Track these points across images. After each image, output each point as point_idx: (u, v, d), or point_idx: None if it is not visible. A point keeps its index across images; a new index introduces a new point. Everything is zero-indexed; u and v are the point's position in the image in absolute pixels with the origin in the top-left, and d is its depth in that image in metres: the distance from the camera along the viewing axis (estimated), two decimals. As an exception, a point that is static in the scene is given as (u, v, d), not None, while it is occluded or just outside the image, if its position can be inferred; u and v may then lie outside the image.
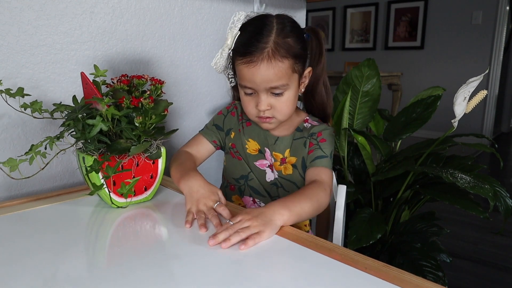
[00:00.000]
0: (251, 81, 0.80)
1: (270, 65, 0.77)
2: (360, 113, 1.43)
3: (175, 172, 0.83)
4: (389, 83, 3.39)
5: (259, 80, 0.79)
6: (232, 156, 0.94)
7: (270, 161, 0.91)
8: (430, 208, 1.67)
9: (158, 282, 0.51)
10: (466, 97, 0.95)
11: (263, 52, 0.77)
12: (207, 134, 0.94)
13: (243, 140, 0.92)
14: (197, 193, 0.74)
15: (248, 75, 0.79)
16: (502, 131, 5.18)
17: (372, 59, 1.43)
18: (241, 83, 0.83)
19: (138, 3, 1.03)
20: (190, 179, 0.78)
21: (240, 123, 0.93)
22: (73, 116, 0.71)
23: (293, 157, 0.90)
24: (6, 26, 0.82)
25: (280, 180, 0.91)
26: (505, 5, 4.13)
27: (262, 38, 0.78)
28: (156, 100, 0.78)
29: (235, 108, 0.95)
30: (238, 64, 0.81)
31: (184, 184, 0.77)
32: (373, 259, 0.57)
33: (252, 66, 0.78)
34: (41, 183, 0.91)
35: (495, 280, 1.73)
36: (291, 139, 0.90)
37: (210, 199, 0.73)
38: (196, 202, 0.73)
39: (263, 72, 0.77)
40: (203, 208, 0.71)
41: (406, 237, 1.33)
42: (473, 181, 1.02)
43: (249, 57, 0.78)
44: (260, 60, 0.77)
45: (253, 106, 0.83)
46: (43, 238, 0.63)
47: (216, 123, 0.95)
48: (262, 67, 0.77)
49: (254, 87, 0.80)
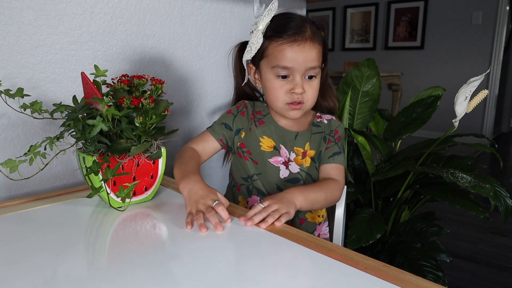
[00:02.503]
0: (293, 60, 0.82)
1: (312, 46, 0.83)
2: (360, 113, 1.42)
3: (177, 171, 0.83)
4: (389, 83, 3.39)
5: (302, 59, 0.82)
6: (239, 156, 0.94)
7: (285, 158, 0.92)
8: (430, 208, 1.67)
9: (158, 282, 0.51)
10: (467, 97, 0.95)
11: (305, 33, 0.82)
12: (214, 132, 0.93)
13: (257, 138, 0.92)
14: (195, 195, 0.75)
15: (291, 54, 0.82)
16: (502, 131, 5.18)
17: (372, 59, 1.43)
18: (279, 64, 0.83)
19: (138, 3, 1.03)
20: (190, 181, 0.77)
21: (252, 122, 0.93)
22: (73, 116, 0.71)
23: (312, 150, 0.93)
24: (6, 26, 0.82)
25: (301, 173, 0.93)
26: (505, 5, 4.13)
27: (301, 23, 0.83)
28: (157, 100, 0.78)
29: (245, 108, 0.95)
30: (278, 45, 0.82)
31: (183, 187, 0.78)
32: (373, 259, 0.57)
33: (297, 44, 0.81)
34: (41, 183, 0.91)
35: (495, 280, 1.73)
36: (309, 133, 0.94)
37: (209, 198, 0.73)
38: (195, 203, 0.73)
39: (307, 51, 0.82)
40: (201, 208, 0.71)
41: (406, 237, 1.33)
42: (474, 181, 1.02)
43: (293, 37, 0.81)
44: (304, 40, 0.82)
45: (285, 92, 0.85)
46: (43, 238, 0.63)
47: (225, 122, 0.93)
48: (307, 46, 0.82)
49: (295, 66, 0.82)
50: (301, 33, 0.82)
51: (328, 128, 0.96)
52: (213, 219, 0.68)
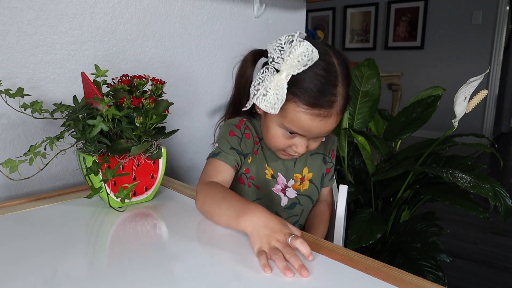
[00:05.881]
0: (307, 131, 0.73)
1: (334, 119, 0.73)
2: (360, 113, 1.43)
3: (223, 210, 0.67)
4: (389, 83, 3.39)
5: (317, 132, 0.74)
6: (241, 181, 0.85)
7: (282, 185, 0.88)
8: (430, 208, 1.67)
9: (159, 282, 0.51)
10: (466, 97, 0.95)
11: (332, 107, 0.71)
12: (227, 159, 0.79)
13: (263, 164, 0.85)
14: (265, 228, 0.60)
15: (307, 126, 0.72)
16: (502, 131, 5.18)
17: (372, 59, 1.43)
18: (291, 128, 0.73)
19: (138, 3, 1.03)
20: (253, 212, 0.62)
21: (258, 146, 0.85)
22: (74, 116, 0.71)
23: (310, 173, 0.90)
24: (6, 26, 0.82)
25: (299, 198, 0.90)
26: (505, 5, 4.13)
27: (331, 89, 0.70)
28: (157, 100, 0.78)
29: (247, 129, 0.84)
30: (298, 112, 0.71)
31: (247, 221, 0.62)
32: (373, 259, 0.57)
33: (319, 120, 0.71)
34: (41, 183, 0.91)
35: (495, 280, 1.73)
36: (306, 157, 0.89)
37: (282, 233, 0.59)
38: (267, 238, 0.59)
39: (327, 127, 0.73)
40: (276, 245, 0.58)
41: (406, 237, 1.33)
42: (473, 181, 1.02)
43: (318, 110, 0.70)
44: (329, 116, 0.71)
45: (285, 144, 0.77)
46: (43, 238, 0.63)
47: (234, 147, 0.80)
48: (328, 122, 0.72)
49: (306, 134, 0.75)
50: (328, 106, 0.70)
51: (326, 149, 0.93)
52: (295, 261, 0.54)
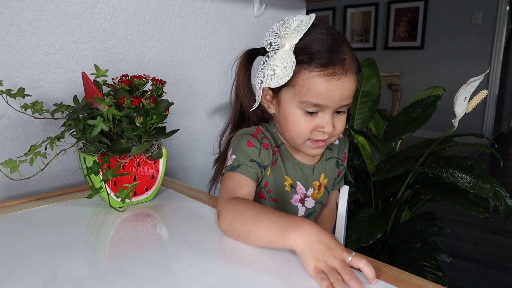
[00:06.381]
0: (327, 97, 0.68)
1: (352, 78, 0.69)
2: (360, 113, 1.43)
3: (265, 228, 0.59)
4: (389, 83, 3.40)
5: (339, 96, 0.68)
6: (261, 196, 0.79)
7: (301, 195, 0.82)
8: (430, 208, 1.67)
9: (159, 282, 0.51)
10: (466, 97, 0.95)
11: (345, 64, 0.68)
12: (249, 172, 0.72)
13: (283, 176, 0.79)
14: (319, 244, 0.53)
15: (326, 90, 0.67)
16: (502, 131, 5.18)
17: (372, 59, 1.43)
18: (310, 100, 0.68)
19: (138, 3, 1.03)
20: (303, 226, 0.55)
21: (277, 157, 0.78)
22: (74, 116, 0.71)
23: (326, 179, 0.86)
24: (6, 26, 0.82)
25: (315, 206, 0.85)
26: (505, 5, 4.13)
27: (338, 47, 0.68)
28: (157, 100, 0.78)
29: (265, 138, 0.77)
30: (313, 77, 0.67)
31: (296, 237, 0.55)
32: (373, 259, 0.57)
33: (336, 79, 0.67)
34: (41, 183, 0.91)
35: (495, 280, 1.73)
36: (324, 162, 0.85)
37: (339, 250, 0.53)
38: (323, 256, 0.52)
39: (346, 87, 0.68)
40: (334, 264, 0.51)
41: (406, 237, 1.33)
42: (473, 181, 1.02)
43: (331, 69, 0.66)
44: (345, 72, 0.67)
45: (309, 128, 0.71)
46: (44, 238, 0.63)
47: (254, 159, 0.74)
48: (346, 80, 0.68)
49: (329, 104, 0.69)
50: (340, 63, 0.67)
51: (340, 152, 0.89)
52: (356, 286, 0.48)
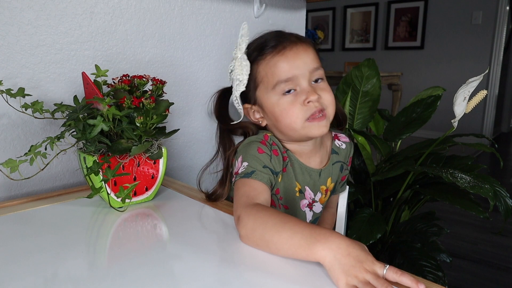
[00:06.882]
0: (291, 67, 0.72)
1: (304, 46, 0.74)
2: (360, 113, 1.43)
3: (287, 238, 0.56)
4: (389, 83, 3.40)
5: (302, 63, 0.72)
6: (273, 203, 0.78)
7: (310, 199, 0.82)
8: (430, 208, 1.67)
9: (159, 282, 0.51)
10: (466, 97, 0.95)
11: (292, 39, 0.74)
12: (264, 178, 0.71)
13: (293, 182, 0.79)
14: (348, 257, 0.50)
15: (285, 62, 0.72)
16: (502, 131, 5.18)
17: (372, 59, 1.43)
18: (279, 79, 0.72)
19: (138, 3, 1.03)
20: (330, 239, 0.52)
21: (287, 162, 0.78)
22: (74, 116, 0.71)
23: (332, 184, 0.86)
24: (6, 26, 0.82)
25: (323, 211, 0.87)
26: (505, 5, 4.13)
27: (283, 33, 0.76)
28: (157, 100, 0.78)
29: (274, 145, 0.77)
30: (269, 61, 0.73)
31: (324, 250, 0.51)
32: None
33: (289, 50, 0.72)
34: (41, 183, 0.91)
35: (495, 280, 1.73)
36: (330, 166, 0.84)
37: (370, 262, 0.50)
38: (353, 270, 0.49)
39: (302, 53, 0.73)
40: (367, 277, 0.48)
41: (406, 237, 1.33)
42: (473, 181, 1.02)
43: (281, 46, 0.73)
44: (295, 44, 0.73)
45: (299, 107, 0.72)
46: (44, 238, 0.63)
47: (267, 166, 0.73)
48: (299, 48, 0.73)
49: (297, 73, 0.72)
50: (287, 40, 0.74)
51: (346, 157, 0.88)
52: None
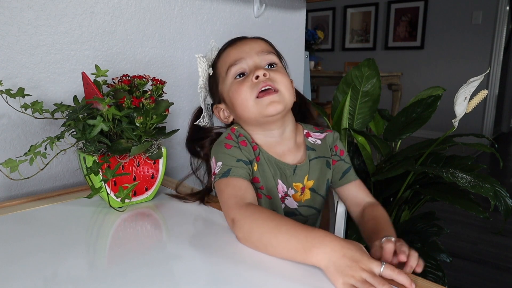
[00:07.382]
0: (239, 52, 0.76)
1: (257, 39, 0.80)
2: (360, 113, 1.42)
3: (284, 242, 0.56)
4: (389, 83, 3.40)
5: (248, 48, 0.77)
6: (260, 196, 0.77)
7: (282, 193, 0.80)
8: (430, 208, 1.67)
9: (159, 282, 0.51)
10: (466, 97, 0.95)
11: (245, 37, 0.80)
12: (242, 173, 0.71)
13: (269, 170, 0.78)
14: (344, 259, 0.50)
15: (234, 49, 0.77)
16: (502, 131, 5.18)
17: (372, 59, 1.43)
18: (229, 64, 0.76)
19: (138, 3, 1.03)
20: (324, 242, 0.53)
21: (258, 152, 0.78)
22: (74, 116, 0.71)
23: (310, 181, 0.82)
24: (6, 26, 0.82)
25: (299, 209, 0.82)
26: (505, 5, 4.13)
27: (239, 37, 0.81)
28: (157, 100, 0.78)
29: (241, 136, 0.77)
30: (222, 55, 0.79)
31: (319, 255, 0.52)
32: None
33: (239, 40, 0.79)
34: (41, 183, 0.91)
35: (495, 280, 1.73)
36: (307, 163, 0.81)
37: (365, 261, 0.50)
38: (350, 270, 0.49)
39: (251, 42, 0.78)
40: (363, 276, 0.49)
41: (406, 237, 1.33)
42: (473, 181, 1.02)
43: (233, 41, 0.79)
44: (246, 38, 0.80)
45: (248, 85, 0.73)
46: (44, 238, 0.63)
47: (240, 159, 0.73)
48: (250, 40, 0.79)
49: (243, 55, 0.76)
50: (241, 38, 0.80)
51: (326, 149, 0.84)
52: None
